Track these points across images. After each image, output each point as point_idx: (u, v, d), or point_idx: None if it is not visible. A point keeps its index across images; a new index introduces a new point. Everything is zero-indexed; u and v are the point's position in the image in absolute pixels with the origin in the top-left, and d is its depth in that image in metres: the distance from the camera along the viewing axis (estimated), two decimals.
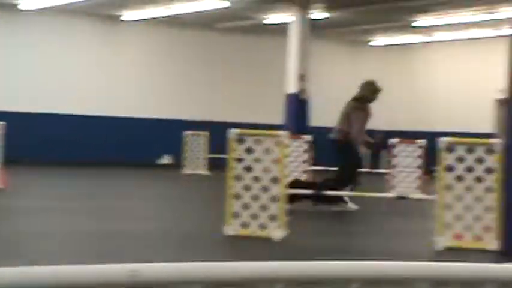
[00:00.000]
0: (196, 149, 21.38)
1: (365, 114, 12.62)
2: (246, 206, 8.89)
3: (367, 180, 19.01)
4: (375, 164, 25.72)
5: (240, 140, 9.05)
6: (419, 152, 15.36)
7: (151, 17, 22.93)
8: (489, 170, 8.69)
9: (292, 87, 19.57)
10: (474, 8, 19.86)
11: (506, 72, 9.00)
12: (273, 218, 8.85)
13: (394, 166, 15.64)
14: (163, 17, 22.73)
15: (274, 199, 8.88)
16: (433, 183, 10.59)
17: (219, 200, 9.61)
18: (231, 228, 8.89)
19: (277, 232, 8.81)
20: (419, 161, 15.34)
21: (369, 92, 12.83)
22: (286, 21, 20.65)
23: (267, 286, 1.85)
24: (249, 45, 26.14)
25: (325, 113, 25.90)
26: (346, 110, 12.75)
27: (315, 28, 20.22)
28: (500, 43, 14.49)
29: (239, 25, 24.40)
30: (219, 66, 25.74)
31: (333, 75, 27.50)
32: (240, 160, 9.04)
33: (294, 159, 15.38)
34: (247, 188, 8.91)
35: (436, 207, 8.90)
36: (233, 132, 9.03)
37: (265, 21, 23.35)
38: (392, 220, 11.78)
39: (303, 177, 14.53)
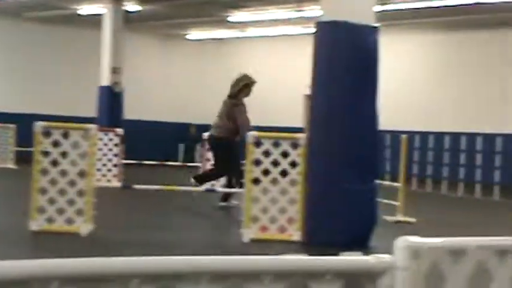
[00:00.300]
0: (3, 142, 20.59)
1: (245, 107, 12.96)
2: (52, 201, 8.69)
3: (180, 173, 19.11)
4: (189, 157, 25.89)
5: (47, 133, 8.83)
6: None
7: None
8: (293, 164, 8.98)
9: (105, 80, 19.30)
10: (284, 6, 20.43)
11: (311, 69, 9.35)
12: (80, 212, 8.71)
13: (206, 159, 15.80)
14: None
15: (81, 193, 8.74)
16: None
17: (25, 195, 9.33)
18: (36, 224, 8.66)
19: (84, 227, 8.68)
20: None
21: (243, 87, 13.08)
22: (100, 13, 20.31)
23: (43, 285, 1.82)
24: (62, 36, 25.48)
25: (139, 107, 25.81)
26: (226, 108, 12.91)
27: (129, 21, 20.04)
28: (309, 40, 14.99)
29: (51, 15, 23.73)
30: (29, 57, 24.93)
31: (148, 69, 27.40)
32: (46, 154, 8.81)
33: (106, 152, 15.18)
34: (53, 182, 8.70)
35: (243, 200, 9.08)
36: (39, 125, 8.79)
37: (78, 12, 22.84)
38: (202, 213, 11.89)
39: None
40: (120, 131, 15.41)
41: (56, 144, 8.80)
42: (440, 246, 2.20)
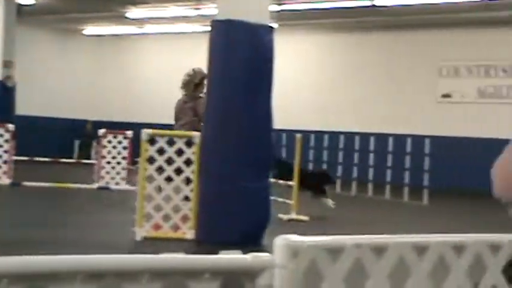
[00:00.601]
0: None
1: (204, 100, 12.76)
2: None
3: (75, 171, 18.78)
4: (85, 154, 25.48)
5: None
6: (126, 143, 15.46)
7: None
8: (188, 162, 8.95)
9: None
10: (183, 3, 20.37)
11: (207, 67, 9.35)
12: None
13: (102, 157, 15.60)
14: None
15: None
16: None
17: None
18: None
19: None
20: (126, 152, 15.43)
21: (198, 83, 12.76)
22: None
23: None
24: None
25: (34, 102, 25.25)
26: (190, 104, 12.59)
27: (22, 14, 19.56)
28: (207, 39, 14.96)
29: None
30: None
31: (43, 64, 26.83)
32: None
33: None
34: None
35: (137, 198, 8.99)
36: None
37: None
38: (94, 211, 11.73)
39: None
40: (11, 126, 15.01)
41: None
42: (319, 244, 2.23)
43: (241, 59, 8.92)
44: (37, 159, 17.58)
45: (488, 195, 3.79)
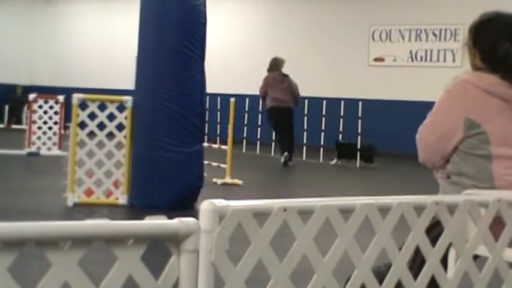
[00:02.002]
0: None
1: None
2: None
3: (5, 137, 18.46)
4: (15, 119, 25.04)
5: None
6: (57, 108, 15.22)
7: None
8: (120, 127, 8.86)
9: None
10: None
11: (138, 32, 9.22)
12: None
13: (33, 122, 15.34)
14: None
15: None
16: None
17: None
18: None
19: None
20: (57, 117, 15.21)
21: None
22: None
23: None
24: None
25: None
26: (287, 83, 15.63)
27: None
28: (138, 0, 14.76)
29: None
30: None
31: None
32: None
33: None
34: None
35: (68, 164, 8.88)
36: None
37: None
38: (24, 178, 11.55)
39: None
40: None
41: None
42: (245, 208, 2.22)
43: (173, 23, 8.82)
44: None
45: (417, 158, 3.84)
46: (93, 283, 1.99)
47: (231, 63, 23.97)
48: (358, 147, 16.90)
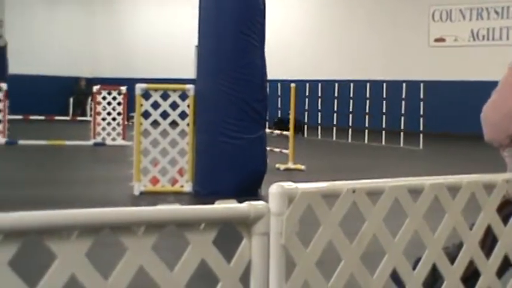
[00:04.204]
0: None
1: None
2: None
3: (70, 128, 18.78)
4: (79, 111, 25.44)
5: None
6: (120, 98, 15.42)
7: None
8: (183, 115, 8.94)
9: None
10: None
11: (198, 20, 9.27)
12: None
13: (97, 113, 15.57)
14: None
15: None
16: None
17: None
18: None
19: None
20: (120, 108, 15.40)
21: None
22: None
23: None
24: None
25: (26, 60, 25.10)
26: None
27: None
28: None
29: None
30: None
31: (34, 21, 26.59)
32: None
33: None
34: None
35: (133, 153, 9.00)
36: None
37: None
38: (91, 168, 11.74)
39: None
40: (4, 85, 14.94)
41: None
42: (314, 190, 2.23)
43: (232, 10, 8.84)
44: (32, 117, 17.53)
45: (482, 138, 3.79)
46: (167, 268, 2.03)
47: (291, 48, 23.93)
48: (421, 129, 16.73)
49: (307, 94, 19.25)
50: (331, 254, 2.34)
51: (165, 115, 8.90)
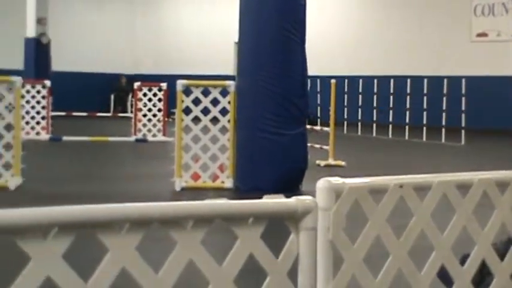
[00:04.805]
0: None
1: None
2: None
3: (112, 124, 18.95)
4: (120, 108, 25.64)
5: None
6: (161, 95, 15.51)
7: None
8: (223, 111, 8.96)
9: (31, 31, 18.87)
10: None
11: (238, 17, 9.29)
12: (7, 166, 8.57)
13: (138, 109, 15.68)
14: None
15: (8, 147, 8.58)
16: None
17: None
18: None
19: (12, 180, 8.54)
20: (161, 104, 15.50)
21: None
22: None
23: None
24: None
25: (67, 58, 25.36)
26: None
27: None
28: None
29: None
30: None
31: (75, 19, 26.85)
32: None
33: (34, 105, 14.93)
34: None
35: (174, 149, 9.05)
36: None
37: None
38: (134, 163, 11.83)
39: None
40: (47, 82, 15.14)
41: None
42: (361, 186, 2.22)
43: (273, 6, 8.84)
44: (74, 114, 17.73)
45: None
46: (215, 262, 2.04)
47: (331, 44, 23.85)
48: (463, 125, 16.58)
49: (346, 90, 19.17)
50: (379, 250, 2.34)
51: (206, 111, 8.93)
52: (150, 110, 15.54)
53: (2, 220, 1.77)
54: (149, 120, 15.46)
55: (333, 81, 12.50)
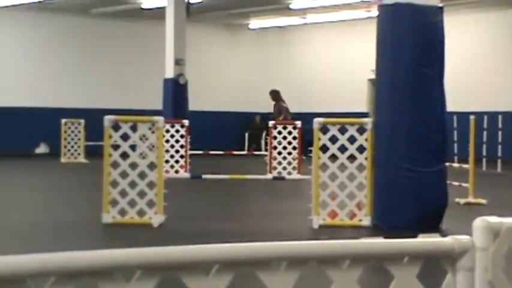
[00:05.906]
0: (73, 137, 20.96)
1: None
2: (123, 193, 8.81)
3: (247, 162, 19.21)
4: (255, 146, 25.98)
5: (116, 126, 8.95)
6: (296, 133, 15.61)
7: (22, 2, 22.29)
8: (360, 149, 8.93)
9: (169, 72, 19.47)
10: None
11: (375, 52, 9.27)
12: (151, 204, 8.82)
13: (273, 147, 15.85)
14: (34, 2, 22.13)
15: (151, 185, 8.84)
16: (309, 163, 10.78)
17: (97, 188, 9.50)
18: (109, 216, 8.81)
19: (155, 218, 8.78)
20: (296, 142, 15.59)
21: None
22: (162, 5, 20.49)
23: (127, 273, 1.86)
24: (126, 31, 25.83)
25: (203, 97, 25.99)
26: None
27: (191, 12, 20.17)
28: (369, 24, 14.87)
29: (115, 10, 24.04)
30: (95, 52, 25.33)
31: (211, 59, 27.52)
32: (116, 147, 8.95)
33: (173, 144, 15.36)
34: (124, 174, 8.83)
35: (311, 187, 9.07)
36: (108, 119, 8.93)
37: (142, 6, 23.13)
38: (271, 201, 11.94)
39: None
40: (185, 122, 15.55)
41: (124, 137, 8.92)
42: None
43: (410, 42, 8.79)
44: (211, 152, 18.11)
45: None
46: None
47: (464, 78, 23.39)
48: None
49: (485, 126, 18.71)
50: None
51: (342, 149, 8.92)
52: (285, 147, 15.67)
53: (168, 257, 1.83)
54: (284, 158, 15.59)
55: (472, 117, 12.23)
